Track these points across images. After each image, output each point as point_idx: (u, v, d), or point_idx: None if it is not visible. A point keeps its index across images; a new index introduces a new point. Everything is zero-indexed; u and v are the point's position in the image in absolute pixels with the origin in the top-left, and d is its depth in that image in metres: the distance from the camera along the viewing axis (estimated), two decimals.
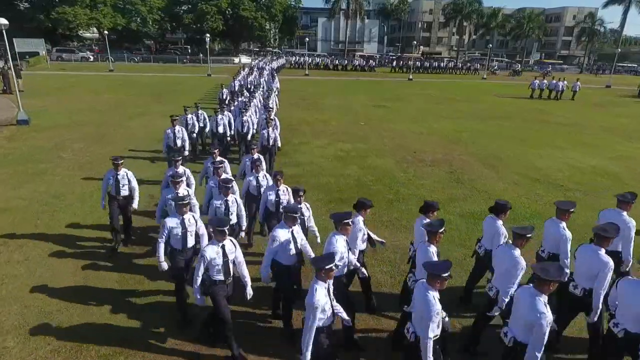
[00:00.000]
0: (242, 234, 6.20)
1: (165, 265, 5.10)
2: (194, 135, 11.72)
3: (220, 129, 11.44)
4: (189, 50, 61.26)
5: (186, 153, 10.14)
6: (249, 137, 11.63)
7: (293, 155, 13.01)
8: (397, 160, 12.75)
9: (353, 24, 71.01)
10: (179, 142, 9.86)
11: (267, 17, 57.40)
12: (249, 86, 20.15)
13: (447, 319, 3.72)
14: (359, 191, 9.95)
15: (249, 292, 4.64)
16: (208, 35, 37.77)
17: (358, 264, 4.93)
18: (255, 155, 7.57)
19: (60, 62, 45.60)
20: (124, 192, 6.73)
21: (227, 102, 14.53)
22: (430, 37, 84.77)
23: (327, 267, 3.57)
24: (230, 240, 4.52)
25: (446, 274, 3.50)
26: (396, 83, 37.88)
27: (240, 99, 14.60)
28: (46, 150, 12.56)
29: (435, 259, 4.28)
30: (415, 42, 44.95)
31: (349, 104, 23.95)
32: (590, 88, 39.32)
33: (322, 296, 3.58)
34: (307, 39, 45.23)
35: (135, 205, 6.89)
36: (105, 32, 41.37)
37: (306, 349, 3.56)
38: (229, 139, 11.74)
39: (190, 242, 5.12)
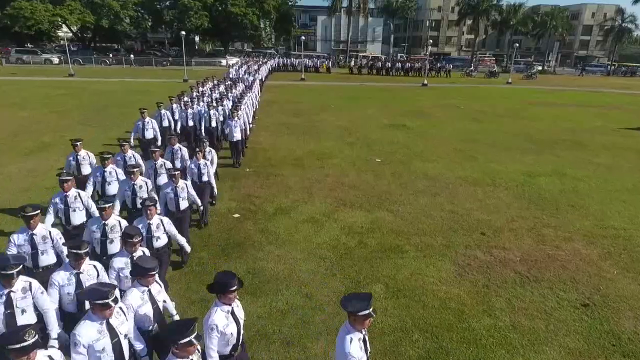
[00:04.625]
0: None
1: None
2: None
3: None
4: (171, 51, 55.12)
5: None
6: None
7: (258, 249, 6.79)
8: (458, 263, 6.59)
9: (355, 23, 64.81)
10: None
11: (260, 14, 51.04)
12: (186, 123, 11.23)
13: None
14: None
15: None
16: (184, 32, 31.53)
17: None
18: None
19: (19, 65, 39.46)
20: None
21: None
22: (438, 37, 78.59)
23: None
24: None
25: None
26: (409, 89, 31.74)
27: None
28: None
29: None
30: (430, 41, 38.81)
31: (355, 122, 17.80)
32: (636, 95, 33.33)
33: None
34: (303, 38, 39.10)
35: None
36: (67, 31, 35.23)
37: None
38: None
39: None
